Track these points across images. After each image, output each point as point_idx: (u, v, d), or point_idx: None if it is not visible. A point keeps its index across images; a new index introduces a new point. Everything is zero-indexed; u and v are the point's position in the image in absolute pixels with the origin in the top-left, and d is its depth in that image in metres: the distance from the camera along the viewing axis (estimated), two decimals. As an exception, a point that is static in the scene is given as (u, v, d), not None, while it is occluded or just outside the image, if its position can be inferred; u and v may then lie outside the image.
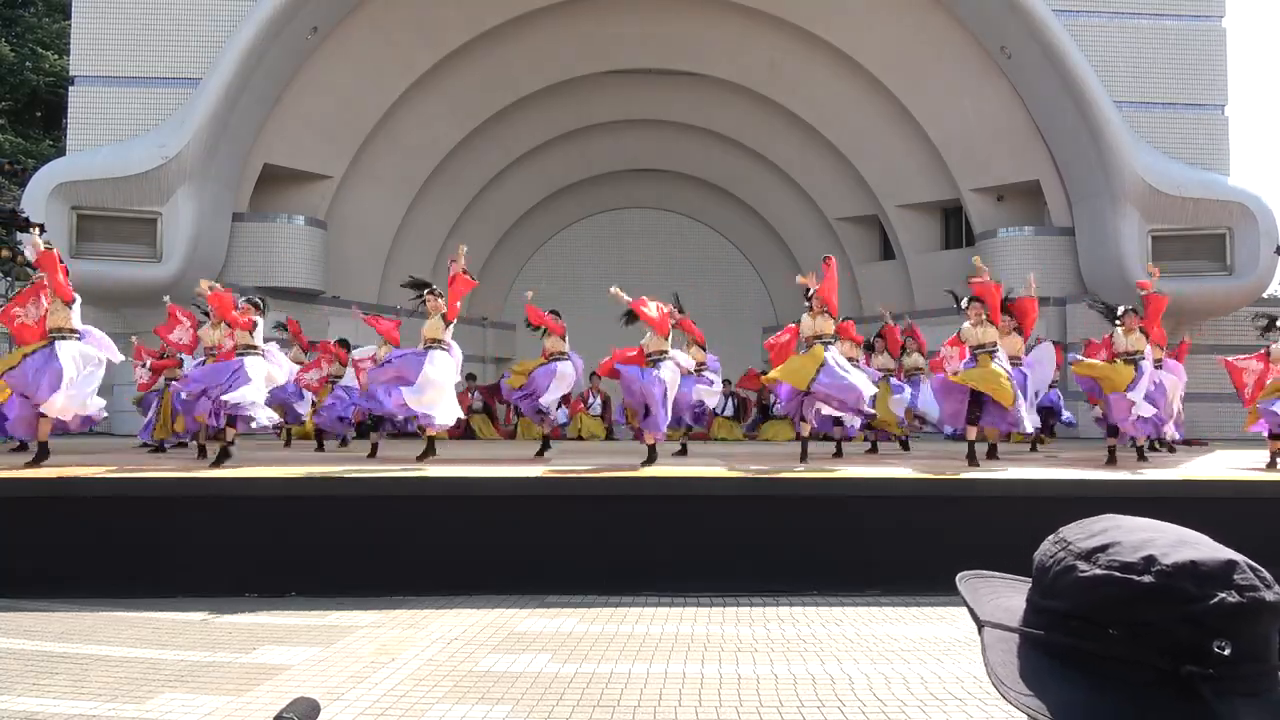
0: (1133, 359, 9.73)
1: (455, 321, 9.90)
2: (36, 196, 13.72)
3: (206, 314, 10.13)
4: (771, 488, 8.17)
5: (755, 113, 18.98)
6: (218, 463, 8.91)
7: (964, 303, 9.65)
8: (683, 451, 11.52)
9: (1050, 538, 0.89)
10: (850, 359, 10.22)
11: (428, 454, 9.55)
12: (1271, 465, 9.50)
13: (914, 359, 12.80)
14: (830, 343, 9.42)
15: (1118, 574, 0.80)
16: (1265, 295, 16.63)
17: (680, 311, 10.52)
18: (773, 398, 12.86)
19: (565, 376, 10.34)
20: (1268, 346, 10.03)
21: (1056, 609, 0.83)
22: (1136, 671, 0.77)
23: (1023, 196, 17.16)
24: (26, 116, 25.66)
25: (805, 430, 9.75)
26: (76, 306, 8.91)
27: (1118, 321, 10.13)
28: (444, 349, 9.63)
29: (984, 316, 9.34)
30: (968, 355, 9.51)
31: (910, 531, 7.88)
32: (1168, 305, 11.78)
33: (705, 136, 20.07)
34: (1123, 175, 14.93)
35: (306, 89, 15.91)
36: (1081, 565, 0.82)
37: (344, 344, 12.98)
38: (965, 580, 0.99)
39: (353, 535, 7.77)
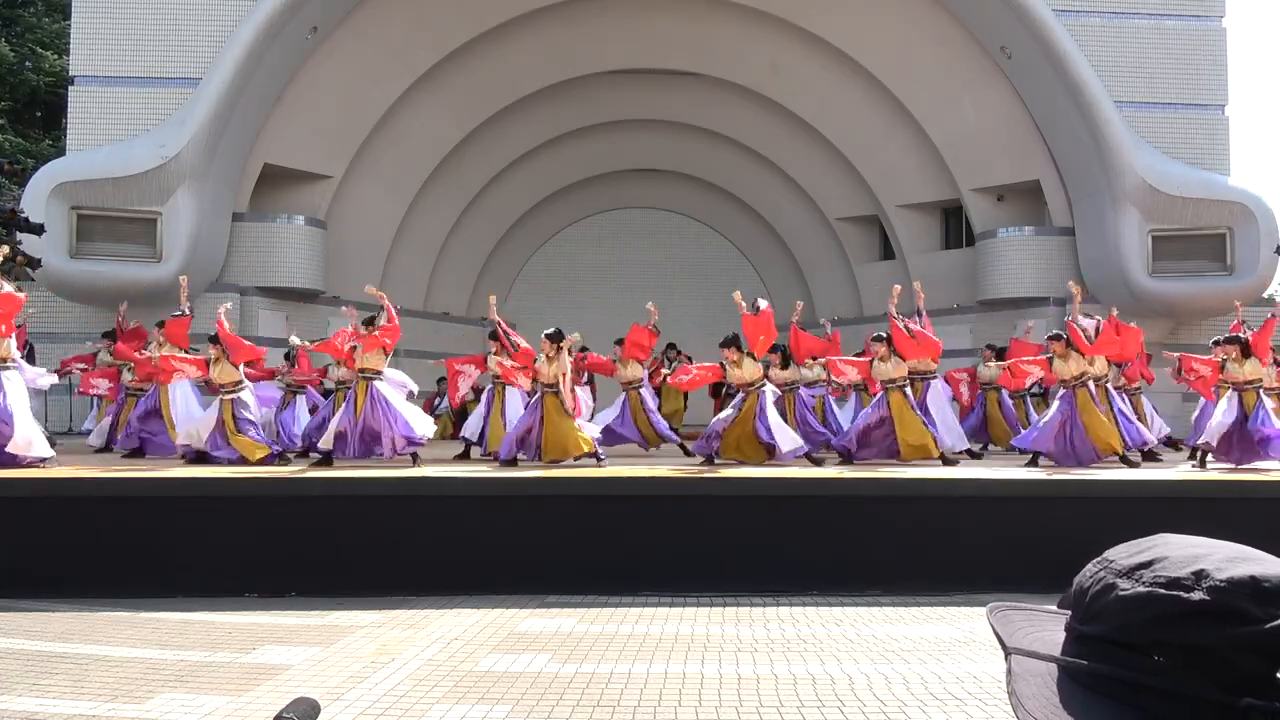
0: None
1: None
2: (36, 196, 13.71)
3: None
4: (771, 488, 8.17)
5: (755, 113, 18.97)
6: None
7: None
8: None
9: (1093, 561, 0.79)
10: None
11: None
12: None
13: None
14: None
15: (1162, 590, 0.70)
16: (1265, 295, 16.62)
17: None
18: None
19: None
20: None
21: (1096, 634, 0.73)
22: (1184, 704, 0.67)
23: (1023, 196, 17.15)
24: (26, 116, 25.65)
25: None
26: None
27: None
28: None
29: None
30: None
31: (910, 532, 7.88)
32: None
33: (705, 136, 20.05)
34: (1123, 175, 14.92)
35: (306, 89, 15.90)
36: (1122, 583, 0.73)
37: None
38: (998, 612, 0.87)
39: (353, 535, 7.77)
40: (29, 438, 8.80)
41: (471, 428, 11.00)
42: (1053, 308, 16.02)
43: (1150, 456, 10.91)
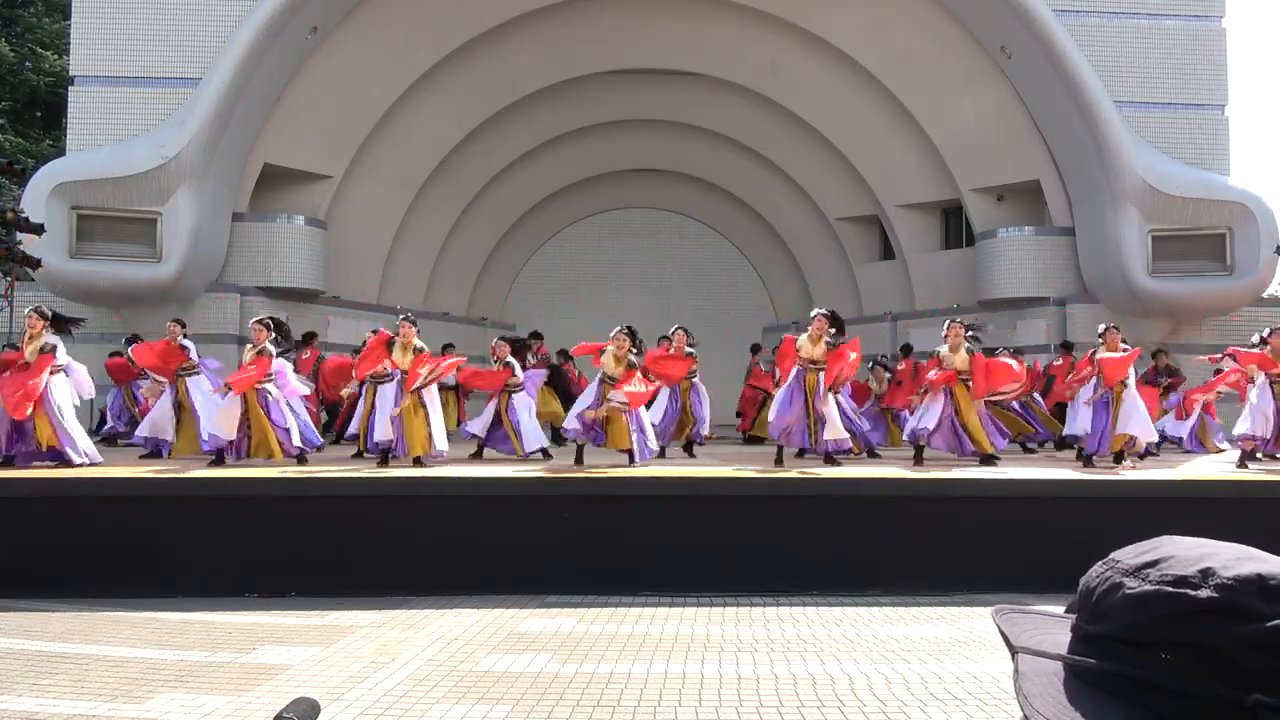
0: None
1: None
2: (36, 196, 13.71)
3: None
4: (771, 488, 8.17)
5: (755, 113, 18.97)
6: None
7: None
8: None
9: (1100, 562, 0.80)
10: None
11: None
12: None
13: None
14: None
15: (1169, 588, 0.70)
16: (1265, 295, 16.62)
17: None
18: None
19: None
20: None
21: (1103, 633, 0.74)
22: (1192, 702, 0.67)
23: (1023, 196, 17.15)
24: (26, 116, 25.67)
25: None
26: None
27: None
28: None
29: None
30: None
31: (910, 532, 7.88)
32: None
33: (705, 136, 20.06)
34: (1123, 175, 14.93)
35: (306, 89, 15.90)
36: (1130, 582, 0.73)
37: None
38: (1004, 614, 0.88)
39: (353, 535, 7.77)
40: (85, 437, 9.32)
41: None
42: (1052, 308, 16.05)
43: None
